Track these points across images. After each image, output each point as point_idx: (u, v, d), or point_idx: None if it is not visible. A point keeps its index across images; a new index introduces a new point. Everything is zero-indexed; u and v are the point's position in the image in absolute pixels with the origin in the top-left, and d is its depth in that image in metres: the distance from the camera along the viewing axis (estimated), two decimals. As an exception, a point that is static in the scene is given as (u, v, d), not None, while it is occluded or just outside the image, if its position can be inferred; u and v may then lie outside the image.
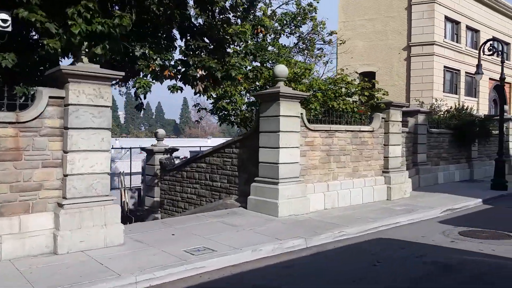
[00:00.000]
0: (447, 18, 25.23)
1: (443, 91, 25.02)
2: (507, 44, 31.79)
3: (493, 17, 29.59)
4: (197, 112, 11.66)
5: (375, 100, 11.78)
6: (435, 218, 9.70)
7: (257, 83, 10.31)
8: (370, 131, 11.49)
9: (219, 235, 7.09)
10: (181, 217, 9.03)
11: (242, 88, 10.32)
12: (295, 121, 9.22)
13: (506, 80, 32.29)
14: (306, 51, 12.35)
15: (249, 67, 10.76)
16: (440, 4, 24.33)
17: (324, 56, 12.48)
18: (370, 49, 25.73)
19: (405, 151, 13.61)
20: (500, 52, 15.35)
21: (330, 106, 10.70)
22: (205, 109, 11.16)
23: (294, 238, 6.96)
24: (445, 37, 25.01)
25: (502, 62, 15.03)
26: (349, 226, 8.03)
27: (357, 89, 11.68)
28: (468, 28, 27.26)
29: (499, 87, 31.34)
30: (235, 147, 10.35)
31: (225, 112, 10.74)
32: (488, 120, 19.09)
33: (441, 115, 17.71)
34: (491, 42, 15.65)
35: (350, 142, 10.91)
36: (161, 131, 13.26)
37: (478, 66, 15.18)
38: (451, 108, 18.17)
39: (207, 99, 10.27)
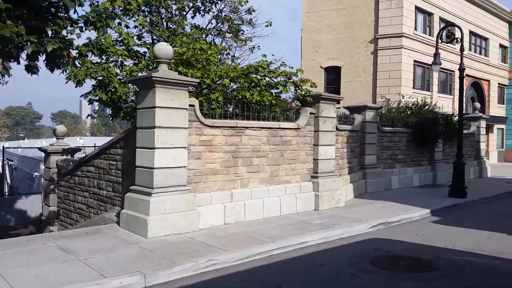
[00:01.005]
0: (418, 9, 23.51)
1: (413, 88, 23.30)
2: (486, 39, 30.24)
3: (470, 10, 27.95)
4: (89, 104, 9.79)
5: (300, 92, 9.92)
6: (357, 236, 7.88)
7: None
8: (295, 128, 9.64)
9: (27, 269, 5.19)
10: (9, 239, 6.99)
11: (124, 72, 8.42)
12: (180, 115, 7.33)
13: (484, 78, 30.82)
14: (230, 34, 10.50)
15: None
16: (409, -6, 22.60)
17: (250, 41, 10.64)
18: (335, 42, 23.94)
19: (346, 152, 11.80)
20: (458, 40, 13.56)
21: (240, 97, 8.83)
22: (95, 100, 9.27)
23: (130, 274, 5.07)
24: (415, 29, 23.29)
25: (461, 50, 13.29)
26: (228, 251, 6.18)
27: (279, 80, 9.79)
28: (442, 20, 25.54)
29: (475, 84, 29.82)
30: (119, 147, 8.44)
31: (110, 104, 8.85)
32: (456, 118, 17.36)
33: (401, 112, 15.95)
34: (449, 28, 13.84)
35: (267, 142, 9.05)
36: (60, 128, 11.29)
37: (436, 55, 13.45)
38: (413, 105, 16.41)
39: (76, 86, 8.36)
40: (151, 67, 8.65)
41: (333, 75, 24.22)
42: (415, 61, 23.17)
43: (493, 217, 10.08)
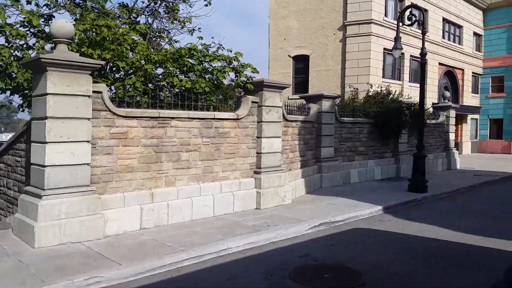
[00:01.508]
0: (389, -5, 22.68)
1: (383, 77, 22.56)
2: (460, 27, 29.69)
3: (443, -3, 27.28)
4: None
5: (240, 79, 8.94)
6: (292, 238, 7.01)
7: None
8: (234, 119, 8.68)
9: None
10: None
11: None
12: (81, 103, 6.28)
13: (458, 66, 30.33)
14: (167, 14, 9.43)
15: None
16: (379, -22, 21.73)
17: (189, 22, 9.55)
18: (303, 30, 22.98)
19: (298, 144, 10.90)
20: (420, 22, 12.75)
21: (165, 83, 7.80)
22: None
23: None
24: (386, 15, 22.48)
25: (423, 33, 12.57)
26: (123, 265, 5.21)
27: (219, 65, 8.79)
28: (414, 7, 24.73)
29: (449, 73, 29.30)
30: (23, 141, 7.36)
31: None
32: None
33: (365, 102, 15.15)
34: (410, 9, 13.02)
35: (200, 134, 8.07)
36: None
37: (396, 39, 12.65)
38: (376, 94, 15.61)
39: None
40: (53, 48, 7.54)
41: (301, 64, 23.31)
42: (385, 49, 22.38)
43: (449, 214, 9.34)
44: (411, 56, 24.42)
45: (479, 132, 33.01)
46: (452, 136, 18.88)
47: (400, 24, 13.07)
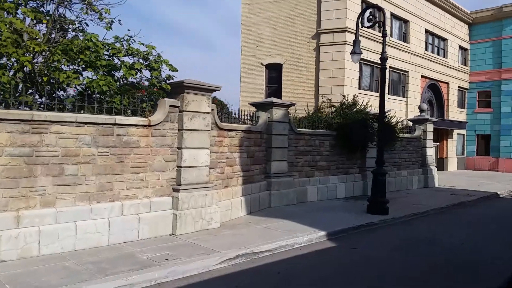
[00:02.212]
0: (366, 3, 21.53)
1: (360, 88, 21.30)
2: (444, 39, 28.67)
3: (426, 8, 26.29)
4: None
5: (154, 79, 7.54)
6: (187, 278, 5.51)
7: None
8: (145, 125, 7.23)
9: None
10: None
11: None
12: None
13: (443, 80, 29.21)
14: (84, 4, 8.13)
15: None
16: (355, -15, 20.67)
17: (107, 13, 8.25)
18: (276, 37, 21.76)
19: (240, 157, 9.45)
20: (381, 24, 11.49)
21: (45, 80, 6.38)
22: None
23: None
24: (362, 24, 21.27)
25: (384, 36, 11.27)
26: None
27: (133, 61, 7.40)
28: (395, 17, 23.79)
29: (433, 86, 28.13)
30: None
31: None
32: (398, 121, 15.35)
33: (331, 113, 13.81)
34: (370, 10, 11.77)
35: (94, 143, 6.60)
36: None
37: (355, 43, 11.32)
38: (341, 103, 14.29)
39: None
40: None
41: (274, 73, 22.03)
42: (361, 59, 21.12)
43: (403, 243, 7.89)
44: (390, 67, 23.22)
45: (466, 148, 31.77)
46: (430, 152, 17.52)
47: (374, 31, 11.75)
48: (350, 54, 11.40)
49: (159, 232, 7.31)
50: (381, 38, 22.71)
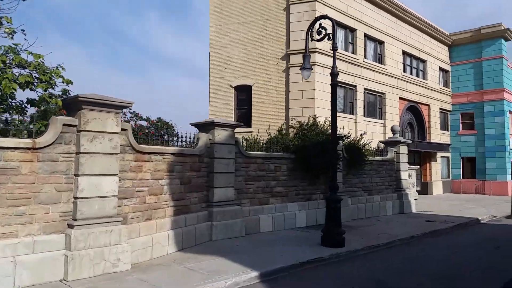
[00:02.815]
0: (338, 23, 20.82)
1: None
2: (423, 61, 28.09)
3: (403, 29, 25.77)
4: None
5: (45, 93, 6.40)
6: None
7: None
8: (28, 148, 6.02)
9: None
10: None
11: None
12: None
13: (423, 102, 28.39)
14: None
15: None
16: (325, 4, 20.03)
17: (8, 22, 7.23)
18: (245, 59, 20.92)
19: (169, 185, 8.19)
20: (331, 36, 10.53)
21: None
22: None
23: None
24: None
25: (334, 49, 10.25)
26: None
27: (24, 73, 6.27)
28: (370, 38, 23.14)
29: (413, 108, 27.24)
30: None
31: None
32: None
33: (295, 135, 12.68)
34: (321, 22, 10.83)
35: (-45, 170, 5.37)
36: None
37: (305, 58, 10.37)
38: (300, 124, 13.20)
39: None
40: None
41: (244, 95, 21.06)
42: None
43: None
44: (365, 89, 22.39)
45: (452, 171, 30.68)
46: (404, 175, 16.35)
47: (346, 52, 10.81)
48: (300, 70, 10.37)
49: (45, 278, 5.96)
50: (355, 59, 22.10)
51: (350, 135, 14.11)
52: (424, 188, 27.72)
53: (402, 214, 15.49)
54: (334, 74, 9.80)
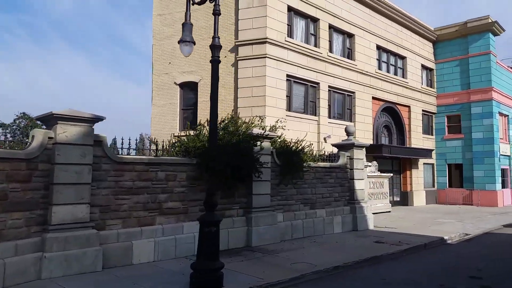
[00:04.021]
0: (296, 12, 18.50)
1: (289, 110, 17.86)
2: (403, 57, 25.60)
3: (377, 22, 23.31)
4: None
5: None
6: None
7: None
8: None
9: None
10: None
11: None
12: None
13: (402, 103, 25.76)
14: None
15: None
16: (279, -10, 17.64)
17: None
18: (192, 52, 18.47)
19: None
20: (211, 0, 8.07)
21: None
22: None
23: None
24: (291, 36, 18.17)
25: (215, 14, 7.81)
26: None
27: None
28: (336, 30, 20.69)
29: (390, 109, 24.56)
30: None
31: None
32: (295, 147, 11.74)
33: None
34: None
35: None
36: None
37: (184, 27, 7.93)
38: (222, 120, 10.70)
39: None
40: None
41: (191, 93, 18.64)
42: (290, 76, 17.85)
43: None
44: (330, 87, 19.89)
45: (437, 180, 28.04)
46: (359, 185, 13.78)
47: (307, 44, 8.39)
48: (178, 43, 7.92)
49: None
50: (317, 53, 19.60)
51: (281, 136, 11.67)
52: (404, 198, 25.08)
53: (354, 232, 12.92)
54: (214, 46, 7.38)
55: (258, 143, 10.48)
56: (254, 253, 9.24)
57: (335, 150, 14.36)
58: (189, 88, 18.66)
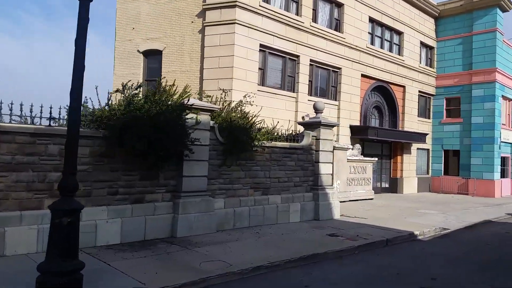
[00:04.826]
0: (273, -26, 16.56)
1: (263, 84, 16.16)
2: (400, 33, 23.52)
3: (371, -8, 21.20)
4: None
5: None
6: None
7: None
8: None
9: None
10: None
11: None
12: None
13: (396, 82, 23.64)
14: None
15: None
16: None
17: None
18: (157, 16, 16.77)
19: None
20: None
21: None
22: None
23: None
24: (268, 1, 16.29)
25: None
26: None
27: None
28: (322, -1, 18.72)
29: (382, 89, 22.54)
30: None
31: None
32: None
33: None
34: None
35: None
36: None
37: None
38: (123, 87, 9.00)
39: None
40: None
41: (156, 62, 16.98)
42: (264, 46, 16.05)
43: None
44: (312, 61, 18.05)
45: (432, 166, 26.23)
46: (325, 169, 12.14)
47: (286, 11, 6.58)
48: None
49: None
50: (298, 22, 17.60)
51: (249, 112, 10.17)
52: (394, 185, 23.40)
53: (315, 222, 11.36)
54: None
55: (194, 116, 8.90)
56: (171, 246, 7.76)
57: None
58: (154, 57, 16.99)
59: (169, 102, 8.42)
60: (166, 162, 8.44)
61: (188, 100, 8.83)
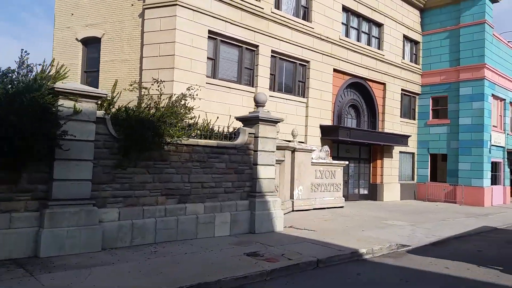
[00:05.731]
0: (229, -46, 14.70)
1: (214, 77, 14.31)
2: (379, 25, 21.63)
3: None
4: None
5: None
6: None
7: None
8: None
9: None
10: None
11: None
12: None
13: (376, 79, 21.27)
14: None
15: None
16: None
17: None
18: (96, 1, 14.96)
19: None
20: None
21: None
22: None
23: None
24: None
25: None
26: None
27: None
28: (288, -17, 16.85)
29: (359, 86, 20.49)
30: None
31: None
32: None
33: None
34: None
35: None
36: None
37: None
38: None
39: None
40: None
41: (95, 52, 15.14)
42: (214, 33, 14.19)
43: None
44: (274, 52, 16.17)
45: (417, 172, 24.23)
46: (265, 173, 10.20)
47: None
48: None
49: None
50: (257, 7, 15.35)
51: (194, 108, 8.34)
52: (373, 192, 21.40)
53: (246, 235, 9.42)
54: None
55: (72, 103, 7.03)
56: (16, 270, 5.86)
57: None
58: (93, 46, 15.14)
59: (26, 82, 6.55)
60: (28, 160, 6.57)
61: (62, 84, 6.96)
